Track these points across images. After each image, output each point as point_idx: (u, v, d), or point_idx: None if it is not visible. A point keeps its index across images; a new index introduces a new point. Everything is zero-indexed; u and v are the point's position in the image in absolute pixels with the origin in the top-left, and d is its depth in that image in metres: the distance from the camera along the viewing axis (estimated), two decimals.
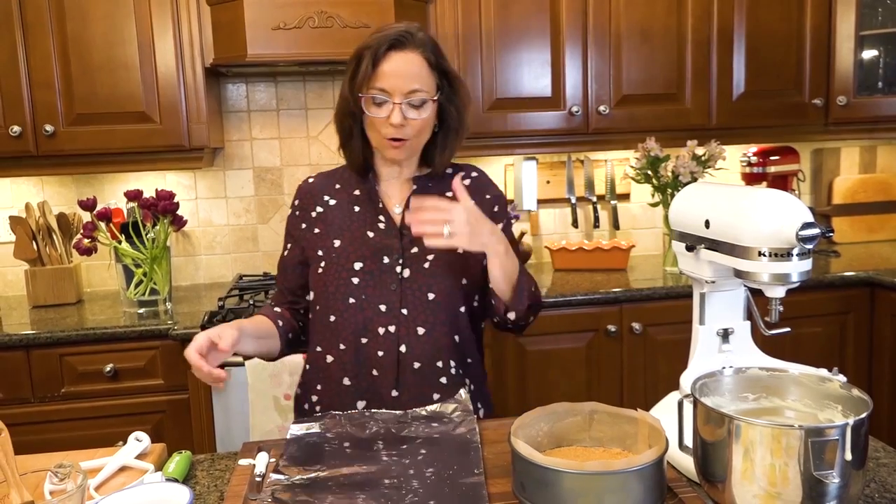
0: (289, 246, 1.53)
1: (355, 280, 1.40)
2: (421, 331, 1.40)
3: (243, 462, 1.17)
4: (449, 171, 1.52)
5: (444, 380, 1.41)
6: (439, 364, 1.41)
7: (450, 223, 1.23)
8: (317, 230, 1.48)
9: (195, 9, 2.36)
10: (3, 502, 0.91)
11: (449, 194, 1.38)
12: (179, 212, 2.40)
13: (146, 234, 2.34)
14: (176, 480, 1.12)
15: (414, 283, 1.41)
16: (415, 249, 1.43)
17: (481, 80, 2.54)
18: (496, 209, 1.52)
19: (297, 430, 1.27)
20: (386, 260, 1.42)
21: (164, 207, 2.33)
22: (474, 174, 1.55)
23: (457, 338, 1.44)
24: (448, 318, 1.42)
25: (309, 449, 1.19)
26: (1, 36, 2.28)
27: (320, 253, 1.45)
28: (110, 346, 2.19)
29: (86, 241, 2.36)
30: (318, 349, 1.46)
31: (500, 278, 1.34)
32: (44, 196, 2.67)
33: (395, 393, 1.39)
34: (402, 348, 1.39)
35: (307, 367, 1.50)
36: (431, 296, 1.41)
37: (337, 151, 1.52)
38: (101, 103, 2.35)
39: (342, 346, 1.42)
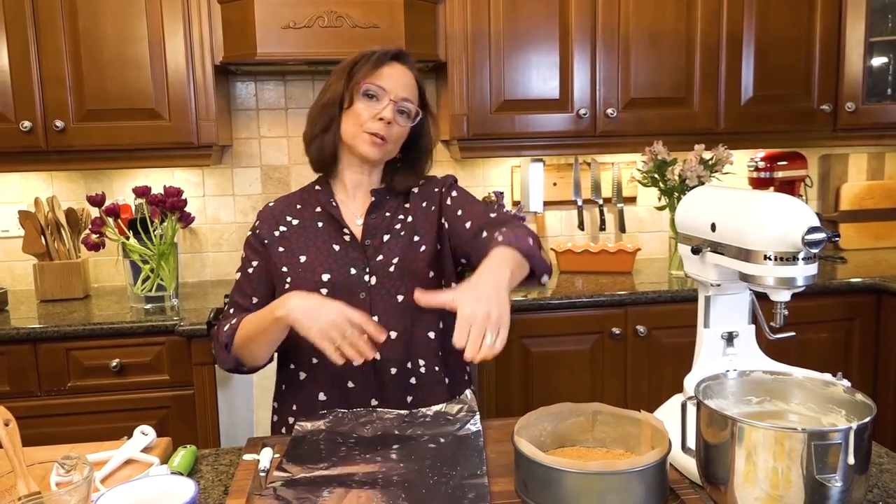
0: (254, 263, 1.47)
1: (324, 291, 1.39)
2: (393, 334, 1.40)
3: (248, 457, 1.18)
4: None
5: (413, 380, 1.41)
6: (409, 365, 1.42)
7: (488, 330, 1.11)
8: (280, 248, 1.46)
9: (206, 7, 2.37)
10: (10, 493, 0.92)
11: (407, 206, 1.48)
12: (187, 209, 2.41)
13: (154, 231, 2.35)
14: (181, 474, 1.12)
15: (382, 288, 1.41)
16: (380, 257, 1.43)
17: (489, 81, 2.54)
18: (437, 189, 1.52)
19: (302, 427, 1.27)
20: (353, 271, 1.42)
21: (171, 204, 2.34)
22: (422, 181, 1.55)
23: (431, 334, 1.44)
24: (419, 316, 1.42)
25: (313, 446, 1.20)
26: (13, 32, 2.30)
27: (285, 269, 1.43)
28: (117, 341, 2.20)
29: (94, 236, 2.37)
30: (291, 367, 1.45)
31: (518, 283, 1.34)
32: (53, 191, 2.69)
33: (374, 402, 1.40)
34: (377, 356, 1.39)
35: (282, 386, 1.49)
36: (400, 297, 1.41)
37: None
38: (111, 100, 2.36)
39: (314, 361, 1.42)
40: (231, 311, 1.48)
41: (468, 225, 1.44)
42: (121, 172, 2.71)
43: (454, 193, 1.52)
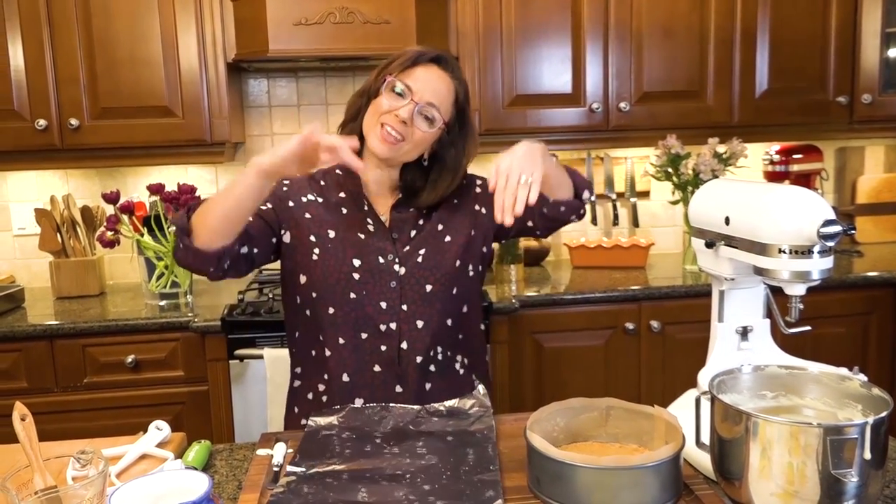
0: (268, 203, 1.41)
1: (356, 276, 1.39)
2: (420, 324, 1.41)
3: (261, 452, 1.18)
4: None
5: (433, 367, 1.42)
6: (431, 353, 1.42)
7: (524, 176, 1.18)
8: (307, 215, 1.44)
9: (218, 5, 2.38)
10: (27, 486, 0.93)
11: (424, 211, 1.46)
12: None
13: (168, 228, 2.37)
14: (195, 469, 1.13)
15: (411, 278, 1.41)
16: (407, 248, 1.43)
17: (501, 76, 2.53)
18: (478, 181, 1.55)
19: (315, 422, 1.28)
20: (381, 260, 1.41)
21: (185, 201, 2.35)
22: (464, 182, 1.52)
23: (449, 321, 1.44)
24: (443, 305, 1.43)
25: (326, 441, 1.20)
26: (28, 32, 2.32)
27: (313, 238, 1.41)
28: (132, 337, 2.22)
29: (109, 233, 2.39)
30: (320, 338, 1.42)
31: (557, 188, 1.39)
32: (68, 189, 2.71)
33: (399, 388, 1.40)
34: (404, 345, 1.40)
35: (311, 357, 1.46)
36: (429, 287, 1.42)
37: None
38: (125, 98, 2.38)
39: (341, 341, 1.41)
40: None
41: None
42: (135, 170, 2.72)
43: (478, 181, 1.54)
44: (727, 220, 1.17)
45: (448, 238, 1.46)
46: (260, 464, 1.15)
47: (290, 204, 1.45)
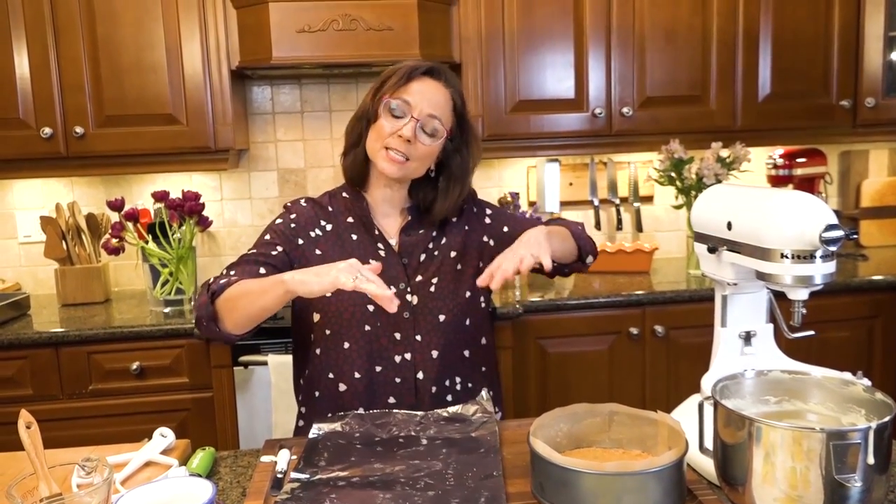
0: (279, 248, 1.41)
1: (370, 308, 1.39)
2: (435, 354, 1.41)
3: (265, 459, 1.19)
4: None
5: (450, 398, 1.42)
6: (447, 383, 1.43)
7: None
8: (318, 251, 1.43)
9: (221, 12, 2.39)
10: (32, 494, 0.93)
11: (434, 234, 1.48)
12: (205, 212, 2.44)
13: (172, 235, 2.38)
14: (199, 476, 1.13)
15: (424, 308, 1.41)
16: (419, 277, 1.43)
17: (504, 81, 2.54)
18: (488, 210, 1.56)
19: (319, 429, 1.28)
20: (393, 289, 1.40)
21: (189, 208, 2.36)
22: (464, 205, 1.53)
23: (466, 353, 1.46)
24: (456, 335, 1.44)
25: (330, 448, 1.20)
26: (33, 40, 2.33)
27: None
28: (137, 344, 2.22)
29: (114, 240, 2.40)
30: (330, 376, 1.42)
31: (560, 256, 1.44)
32: (73, 196, 2.72)
33: (417, 412, 1.39)
34: (420, 374, 1.40)
35: (316, 394, 1.44)
36: (442, 317, 1.42)
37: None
38: (130, 105, 2.39)
39: (357, 375, 1.39)
40: (232, 272, 1.38)
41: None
42: (140, 177, 2.74)
43: (489, 211, 1.55)
44: (729, 225, 1.17)
45: (459, 267, 1.47)
46: (264, 471, 1.15)
47: (300, 242, 1.44)
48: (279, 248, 1.42)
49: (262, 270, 1.37)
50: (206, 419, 2.25)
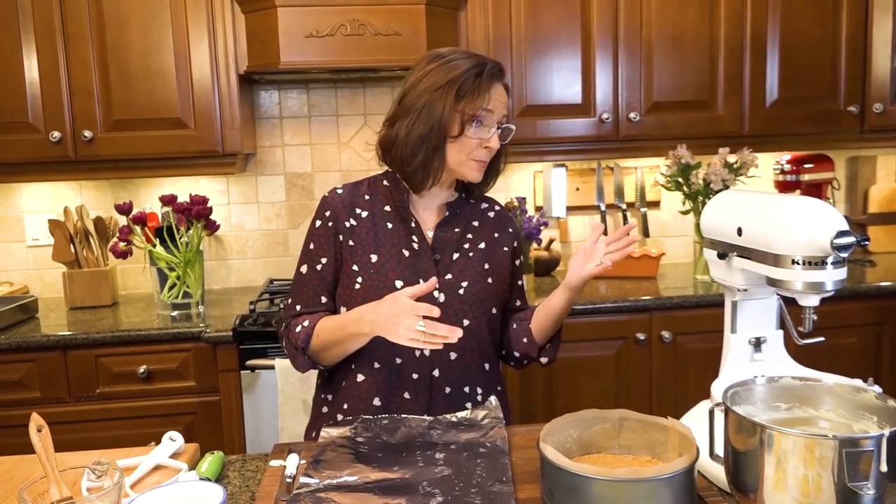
0: (323, 260, 1.44)
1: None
2: (453, 356, 1.41)
3: (274, 463, 1.19)
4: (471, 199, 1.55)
5: (469, 405, 1.43)
6: (467, 389, 1.43)
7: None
8: (351, 243, 1.43)
9: (230, 17, 2.40)
10: (43, 497, 0.93)
11: (476, 224, 1.50)
12: (212, 216, 2.44)
13: (180, 238, 2.38)
14: (209, 480, 1.13)
15: (450, 308, 1.41)
16: (449, 276, 1.43)
17: (511, 86, 2.53)
18: (511, 230, 1.57)
19: (328, 433, 1.28)
20: (422, 282, 1.40)
21: (197, 212, 2.37)
22: (497, 207, 1.58)
23: (487, 366, 1.47)
24: (478, 346, 1.45)
25: (339, 453, 1.20)
26: (43, 45, 2.34)
27: (356, 268, 1.41)
28: (144, 347, 2.23)
29: (121, 244, 2.41)
30: (352, 366, 1.43)
31: (561, 313, 1.45)
32: (81, 200, 2.73)
33: (426, 417, 1.39)
34: (436, 372, 1.40)
35: (343, 383, 1.45)
36: (466, 322, 1.42)
37: (378, 161, 1.46)
38: (138, 110, 2.40)
39: (377, 365, 1.41)
40: (298, 308, 1.45)
41: (518, 303, 1.57)
42: (147, 181, 2.74)
43: (516, 244, 1.56)
44: (739, 231, 1.17)
45: (490, 280, 1.47)
46: (273, 475, 1.15)
47: (340, 238, 1.44)
48: (324, 260, 1.44)
49: (324, 299, 1.45)
50: (213, 423, 2.25)
